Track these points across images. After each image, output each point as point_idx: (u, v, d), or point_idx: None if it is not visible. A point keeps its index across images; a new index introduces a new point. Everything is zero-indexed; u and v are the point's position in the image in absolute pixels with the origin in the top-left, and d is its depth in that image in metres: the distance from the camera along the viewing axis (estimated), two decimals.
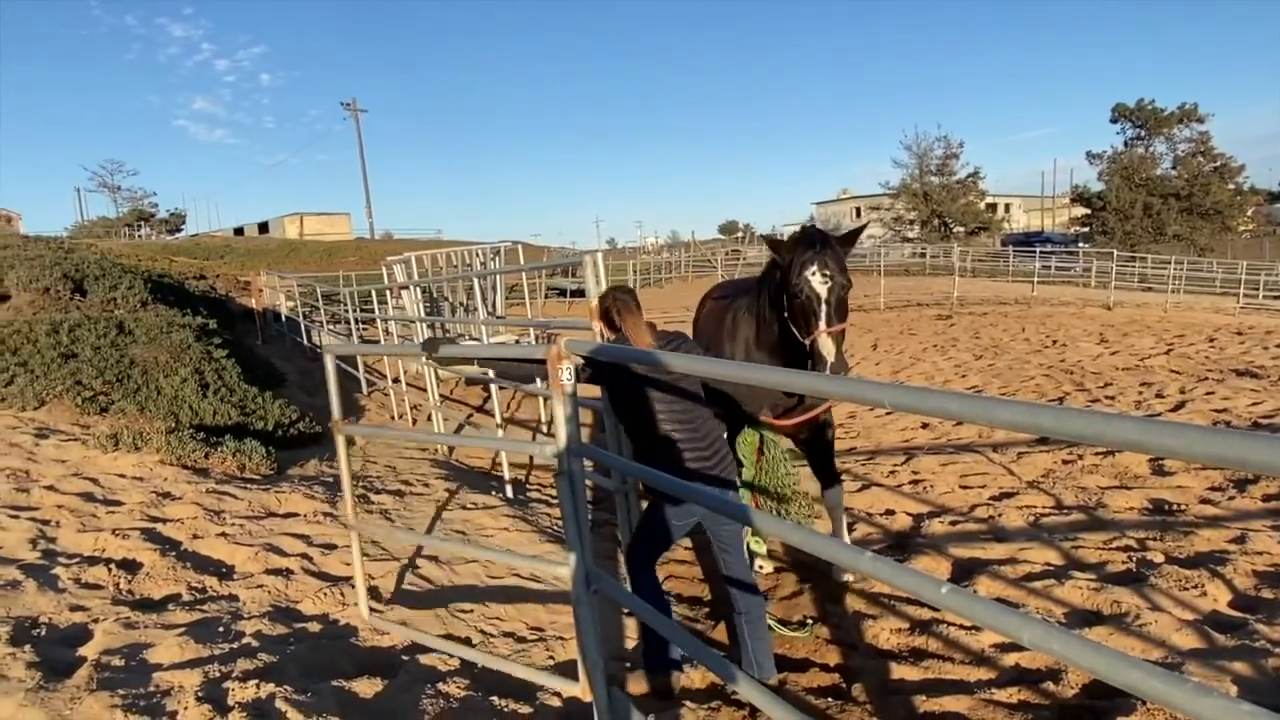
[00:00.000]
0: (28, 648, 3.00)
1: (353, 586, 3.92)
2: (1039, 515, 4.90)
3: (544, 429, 8.72)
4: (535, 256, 28.36)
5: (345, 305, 11.23)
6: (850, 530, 4.89)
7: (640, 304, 3.27)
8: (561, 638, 3.71)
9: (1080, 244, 39.14)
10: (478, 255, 12.22)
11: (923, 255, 38.08)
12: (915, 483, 5.83)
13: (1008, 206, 58.79)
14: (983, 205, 49.52)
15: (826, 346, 3.40)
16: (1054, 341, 13.26)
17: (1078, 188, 45.75)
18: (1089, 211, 43.28)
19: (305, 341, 12.92)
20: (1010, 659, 3.30)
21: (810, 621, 3.90)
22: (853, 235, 3.81)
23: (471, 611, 3.88)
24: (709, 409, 3.24)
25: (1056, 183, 60.96)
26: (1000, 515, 4.94)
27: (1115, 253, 23.60)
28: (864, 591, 4.12)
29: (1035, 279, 22.26)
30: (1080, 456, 5.95)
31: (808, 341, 3.48)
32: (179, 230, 54.43)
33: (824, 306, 3.44)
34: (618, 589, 2.41)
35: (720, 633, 3.92)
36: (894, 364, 12.35)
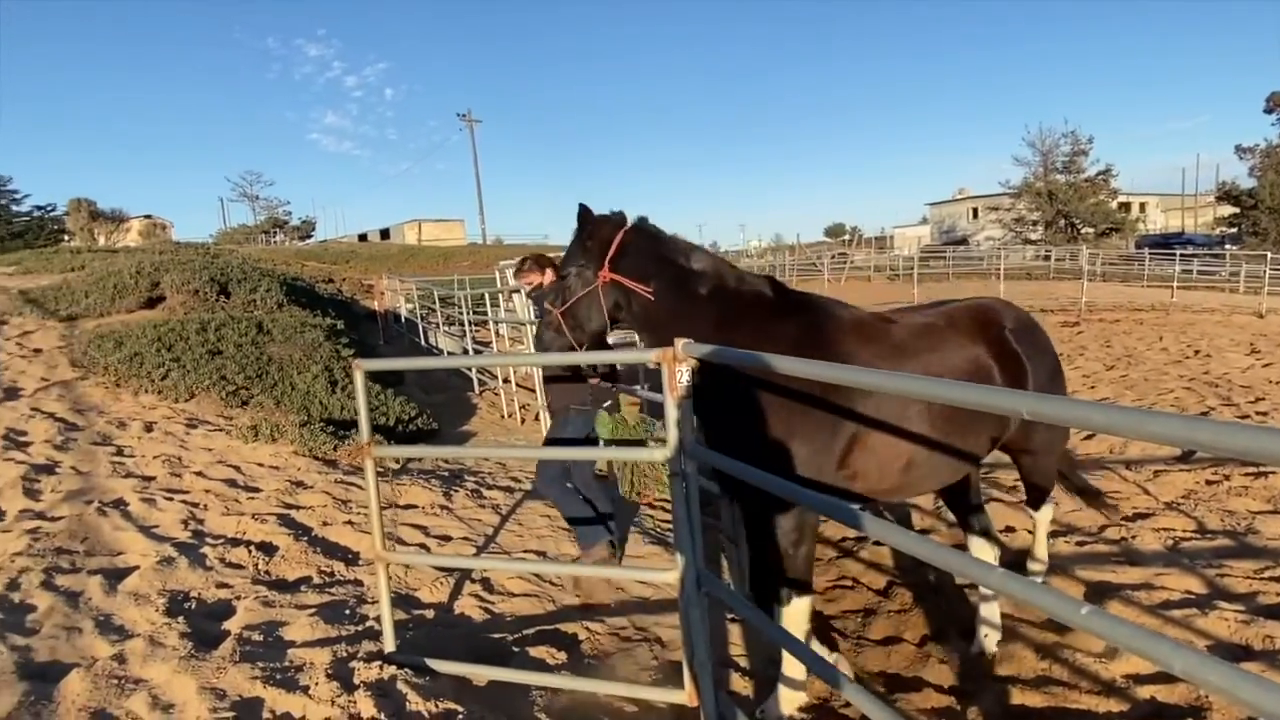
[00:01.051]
0: (180, 619, 3.29)
1: (472, 579, 4.09)
2: (1178, 539, 4.54)
3: None
4: None
5: (460, 308, 11.68)
6: None
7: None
8: (660, 640, 3.73)
9: (1227, 245, 36.00)
10: None
11: (1047, 258, 35.98)
12: None
13: (1143, 206, 54.69)
14: (1114, 205, 46.33)
15: None
16: (1196, 351, 12.24)
17: (1224, 184, 42.10)
18: (1237, 210, 39.78)
19: (423, 342, 13.54)
20: (1145, 691, 3.08)
21: None
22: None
23: (576, 608, 3.96)
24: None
25: (1199, 180, 56.27)
26: (1134, 537, 4.61)
27: (1269, 255, 21.54)
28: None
29: (1175, 284, 20.56)
30: (1227, 477, 5.47)
31: None
32: (309, 236, 58.14)
33: None
34: (729, 593, 2.41)
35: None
36: None
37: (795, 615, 2.93)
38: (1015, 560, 4.53)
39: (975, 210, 56.87)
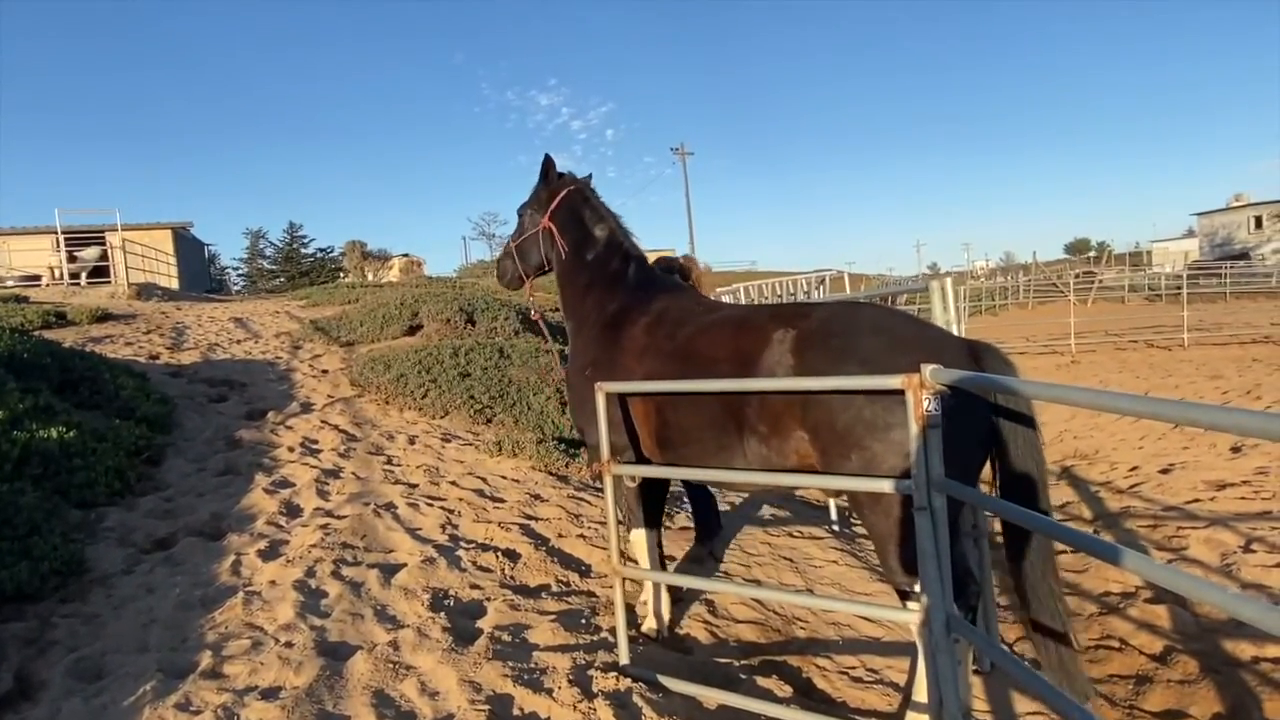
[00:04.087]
0: (442, 614, 3.64)
1: (703, 600, 4.14)
2: None
3: None
4: (852, 285, 27.69)
5: None
6: None
7: None
8: (896, 685, 3.52)
9: None
10: (801, 285, 12.31)
11: None
12: None
13: None
14: None
15: None
16: None
17: None
18: None
19: None
20: None
21: None
22: None
23: (802, 640, 3.86)
24: None
25: None
26: None
27: None
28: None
29: None
30: None
31: None
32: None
33: None
34: (983, 639, 2.22)
35: None
36: None
37: None
38: None
39: (1258, 219, 48.82)
